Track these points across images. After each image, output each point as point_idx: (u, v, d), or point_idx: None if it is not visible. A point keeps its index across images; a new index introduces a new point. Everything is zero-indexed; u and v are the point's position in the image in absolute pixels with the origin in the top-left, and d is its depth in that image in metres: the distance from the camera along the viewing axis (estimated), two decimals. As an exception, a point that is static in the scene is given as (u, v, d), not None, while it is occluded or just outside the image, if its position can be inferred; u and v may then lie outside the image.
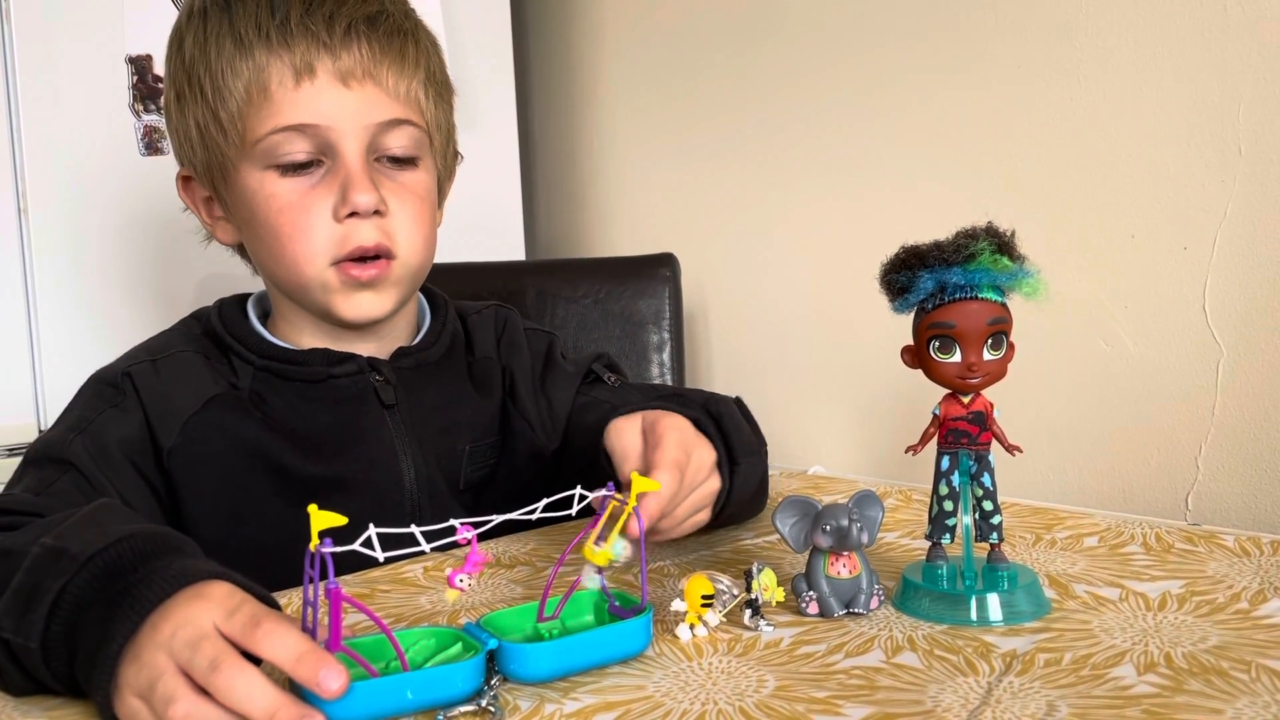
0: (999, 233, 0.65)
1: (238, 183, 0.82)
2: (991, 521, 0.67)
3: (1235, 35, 1.02)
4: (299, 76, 0.79)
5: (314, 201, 0.80)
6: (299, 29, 0.79)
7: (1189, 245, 1.07)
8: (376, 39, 0.81)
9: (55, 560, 0.56)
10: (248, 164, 0.81)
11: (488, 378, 0.93)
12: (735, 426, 0.80)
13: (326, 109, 0.79)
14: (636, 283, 1.41)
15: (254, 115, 0.79)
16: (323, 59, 0.79)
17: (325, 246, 0.80)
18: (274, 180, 0.80)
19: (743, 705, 0.54)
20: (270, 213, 0.81)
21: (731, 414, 0.82)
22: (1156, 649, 0.59)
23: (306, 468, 0.82)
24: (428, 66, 0.86)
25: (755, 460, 0.82)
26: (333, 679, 0.49)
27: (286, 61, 0.79)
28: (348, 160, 0.80)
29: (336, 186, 0.80)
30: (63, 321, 1.24)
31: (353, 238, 0.80)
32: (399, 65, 0.82)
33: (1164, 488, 1.10)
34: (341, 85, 0.80)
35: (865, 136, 1.34)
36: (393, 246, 0.82)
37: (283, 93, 0.79)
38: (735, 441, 0.78)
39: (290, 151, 0.79)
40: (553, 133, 1.78)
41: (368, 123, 0.81)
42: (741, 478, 0.78)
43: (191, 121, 0.83)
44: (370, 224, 0.81)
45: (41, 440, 0.80)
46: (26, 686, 0.57)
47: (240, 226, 0.85)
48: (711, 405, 0.81)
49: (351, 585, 0.76)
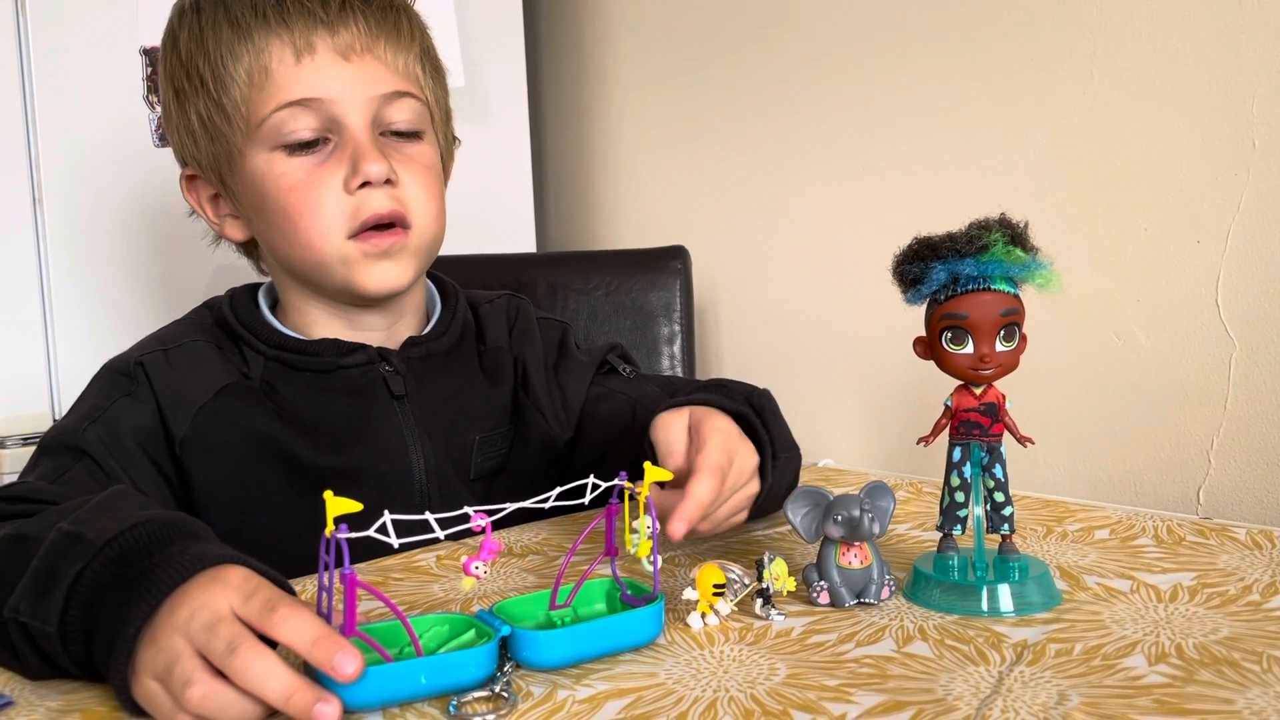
0: (1012, 224, 0.65)
1: (245, 169, 0.82)
2: (1003, 513, 0.67)
3: (1249, 28, 1.02)
4: (299, 54, 0.80)
5: (324, 177, 0.80)
6: (295, 8, 0.80)
7: (1202, 239, 1.07)
8: (372, 14, 0.82)
9: (72, 545, 0.57)
10: (254, 147, 0.81)
11: (499, 367, 0.93)
12: (776, 421, 0.81)
13: (329, 83, 0.80)
14: (647, 275, 1.41)
15: (257, 96, 0.80)
16: (321, 35, 0.80)
17: (339, 220, 0.80)
18: (282, 160, 0.80)
19: (754, 693, 0.54)
20: (280, 192, 0.81)
21: (773, 408, 0.83)
22: (1168, 640, 0.59)
23: (317, 458, 0.82)
24: (422, 43, 0.87)
25: (792, 456, 0.82)
26: (348, 663, 0.49)
27: (286, 40, 0.79)
28: (354, 133, 0.80)
29: (345, 160, 0.80)
30: (76, 311, 1.24)
31: (366, 206, 0.80)
32: (395, 39, 0.83)
33: (1176, 481, 1.10)
34: (342, 60, 0.81)
35: (876, 129, 1.34)
36: (407, 214, 0.82)
37: (284, 70, 0.80)
38: (777, 436, 0.79)
39: (296, 129, 0.80)
40: (564, 126, 1.78)
41: (370, 95, 0.81)
42: (779, 473, 0.78)
43: (193, 115, 0.83)
44: (382, 192, 0.81)
45: (55, 429, 0.80)
46: (44, 670, 0.58)
47: (250, 216, 0.85)
48: (754, 398, 0.82)
49: (365, 573, 0.76)
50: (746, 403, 0.79)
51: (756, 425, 0.77)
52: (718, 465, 0.69)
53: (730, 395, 0.80)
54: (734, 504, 0.73)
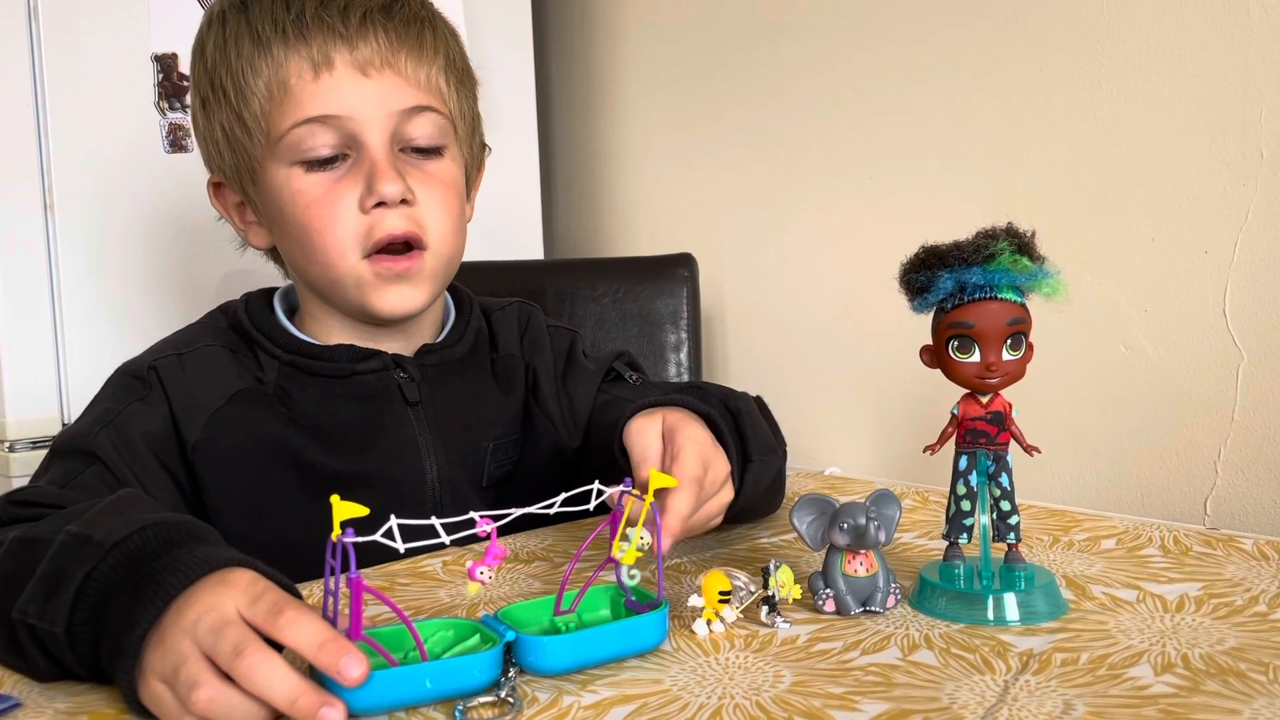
0: (1019, 233, 0.65)
1: (266, 182, 0.82)
2: (1009, 522, 0.67)
3: (1257, 38, 1.02)
4: (317, 69, 0.79)
5: (340, 194, 0.80)
6: (314, 22, 0.79)
7: (1210, 249, 1.07)
8: (393, 28, 0.81)
9: (80, 547, 0.57)
10: (274, 162, 0.81)
11: (511, 375, 0.93)
12: (753, 423, 0.80)
13: (347, 99, 0.80)
14: (655, 283, 1.41)
15: (276, 111, 0.80)
16: (340, 50, 0.80)
17: (353, 239, 0.80)
18: (300, 176, 0.81)
19: (759, 700, 0.54)
20: (298, 209, 0.81)
21: (750, 411, 0.82)
22: (1174, 650, 0.59)
23: (330, 463, 0.82)
24: (447, 54, 0.86)
25: (769, 459, 0.81)
26: (354, 667, 0.49)
27: (304, 55, 0.79)
28: (372, 151, 0.80)
29: (362, 178, 0.80)
30: (87, 316, 1.25)
31: (380, 226, 0.80)
32: (417, 53, 0.82)
33: (1183, 492, 1.10)
34: (360, 75, 0.80)
35: (883, 138, 1.34)
36: (423, 235, 0.82)
37: (302, 85, 0.79)
38: (751, 438, 0.78)
39: (314, 146, 0.80)
40: (572, 133, 1.78)
41: (389, 111, 0.81)
42: (752, 476, 0.78)
43: (217, 126, 0.83)
44: (398, 213, 0.80)
45: (67, 432, 0.81)
46: (51, 672, 0.58)
47: (271, 227, 0.85)
48: (730, 401, 0.81)
49: (371, 578, 0.76)
50: (722, 405, 0.79)
51: (725, 429, 0.76)
52: (695, 477, 0.69)
53: (704, 396, 0.80)
54: (706, 512, 0.72)
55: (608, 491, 0.61)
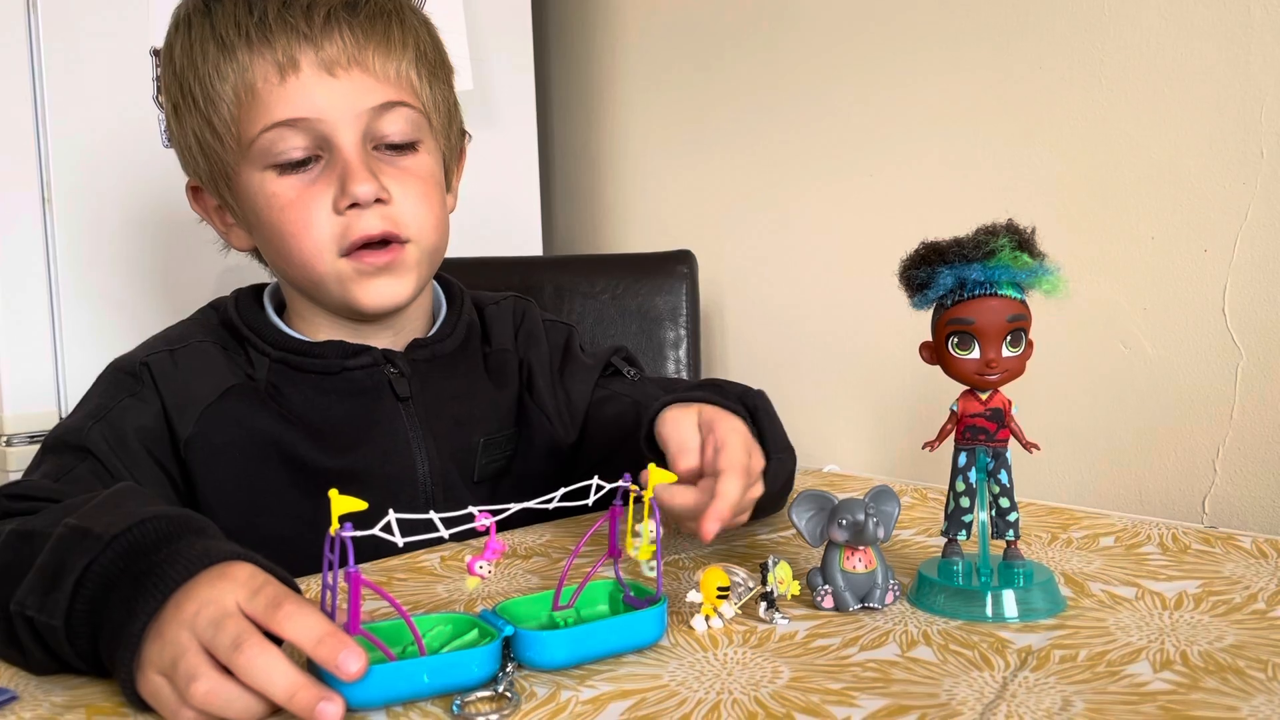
0: (1019, 229, 0.65)
1: (240, 187, 0.82)
2: (1008, 518, 0.67)
3: (1258, 36, 1.02)
4: (283, 71, 0.78)
5: (314, 197, 0.79)
6: (277, 24, 0.78)
7: (1209, 248, 1.07)
8: (358, 24, 0.80)
9: (80, 540, 0.57)
10: (247, 166, 0.80)
11: (504, 369, 0.93)
12: (770, 422, 0.80)
13: (315, 101, 0.78)
14: (654, 279, 1.41)
15: (245, 116, 0.79)
16: (305, 51, 0.78)
17: (329, 240, 0.80)
18: (273, 180, 0.80)
19: (758, 695, 0.54)
20: (273, 212, 0.80)
21: (767, 409, 0.82)
22: (1172, 647, 0.59)
23: (321, 459, 0.82)
24: (417, 46, 0.84)
25: (785, 458, 0.82)
26: (352, 661, 0.49)
27: (269, 58, 0.78)
28: (344, 151, 0.79)
29: (335, 179, 0.79)
30: (84, 310, 1.25)
31: (355, 227, 0.79)
32: (385, 48, 0.81)
33: (1181, 491, 1.10)
34: (328, 75, 0.79)
35: (883, 135, 1.34)
36: (400, 232, 0.81)
37: (269, 89, 0.78)
38: (770, 436, 0.78)
39: (285, 149, 0.79)
40: (571, 129, 1.78)
41: (359, 109, 0.79)
42: (771, 473, 0.78)
43: (189, 131, 0.82)
44: (373, 213, 0.80)
45: (60, 428, 0.81)
46: (49, 665, 0.58)
47: (249, 230, 0.85)
48: (748, 399, 0.81)
49: (369, 573, 0.76)
50: (740, 403, 0.79)
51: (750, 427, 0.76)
52: (744, 465, 0.69)
53: (725, 395, 0.80)
54: (744, 504, 0.73)
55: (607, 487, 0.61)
